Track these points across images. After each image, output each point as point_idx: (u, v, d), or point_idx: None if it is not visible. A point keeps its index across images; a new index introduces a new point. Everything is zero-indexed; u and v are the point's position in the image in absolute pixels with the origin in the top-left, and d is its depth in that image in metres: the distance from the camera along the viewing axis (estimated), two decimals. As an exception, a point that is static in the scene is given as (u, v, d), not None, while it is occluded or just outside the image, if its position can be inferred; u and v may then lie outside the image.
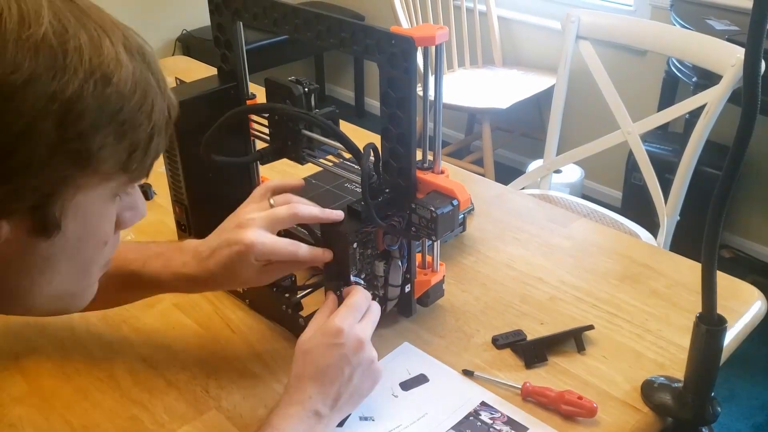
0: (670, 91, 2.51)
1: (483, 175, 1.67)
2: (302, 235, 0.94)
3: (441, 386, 0.84)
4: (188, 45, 3.32)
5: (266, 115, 0.97)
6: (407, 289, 0.90)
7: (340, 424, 0.78)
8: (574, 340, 0.88)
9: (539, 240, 1.11)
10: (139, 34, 0.56)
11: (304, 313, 0.89)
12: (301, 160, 0.95)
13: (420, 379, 0.85)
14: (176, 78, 1.68)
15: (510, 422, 0.78)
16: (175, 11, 3.30)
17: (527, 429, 0.77)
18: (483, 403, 0.81)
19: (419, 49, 0.77)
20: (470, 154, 3.02)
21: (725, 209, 0.67)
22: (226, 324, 0.94)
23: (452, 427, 0.78)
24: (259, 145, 1.01)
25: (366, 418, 0.79)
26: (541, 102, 2.84)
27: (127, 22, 0.57)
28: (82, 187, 0.53)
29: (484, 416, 0.79)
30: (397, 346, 0.90)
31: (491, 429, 0.78)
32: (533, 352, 0.87)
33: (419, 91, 0.81)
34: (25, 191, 0.49)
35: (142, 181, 0.60)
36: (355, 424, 0.78)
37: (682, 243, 1.56)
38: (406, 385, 0.84)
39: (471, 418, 0.79)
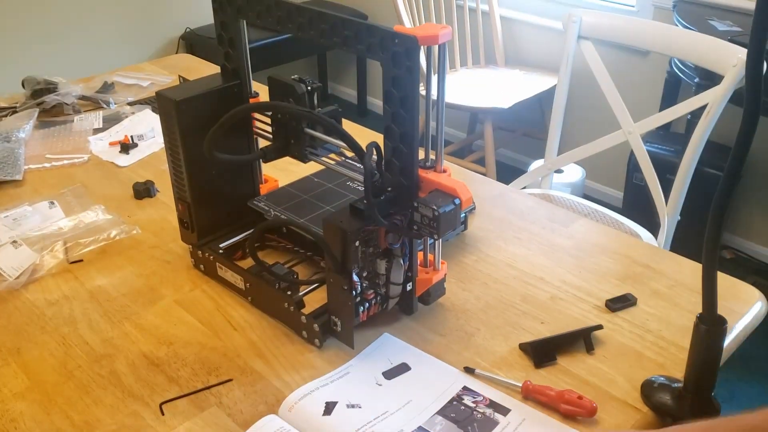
0: (672, 91, 2.51)
1: (485, 175, 1.67)
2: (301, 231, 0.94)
3: (423, 373, 0.85)
4: (192, 43, 3.32)
5: (269, 113, 0.97)
6: (409, 287, 0.91)
7: (328, 412, 0.79)
8: (583, 340, 0.88)
9: (540, 239, 1.11)
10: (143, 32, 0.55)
11: (306, 310, 0.89)
12: (303, 159, 0.95)
13: (402, 368, 0.86)
14: (179, 76, 1.69)
15: (492, 405, 0.80)
16: (178, 9, 3.31)
17: (509, 410, 0.79)
18: (465, 388, 0.82)
19: (422, 48, 0.77)
20: (472, 154, 3.03)
21: (726, 210, 0.67)
22: (227, 321, 0.94)
23: (437, 412, 0.79)
24: (262, 143, 1.02)
25: (353, 406, 0.80)
26: (543, 102, 2.84)
27: (131, 19, 0.57)
28: None
29: (467, 400, 0.80)
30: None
31: (474, 412, 0.79)
32: (544, 351, 0.87)
33: (422, 90, 0.81)
34: None
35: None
36: (343, 412, 0.79)
37: (683, 243, 1.56)
38: (389, 374, 0.85)
39: (454, 402, 0.80)
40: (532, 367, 0.86)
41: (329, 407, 0.79)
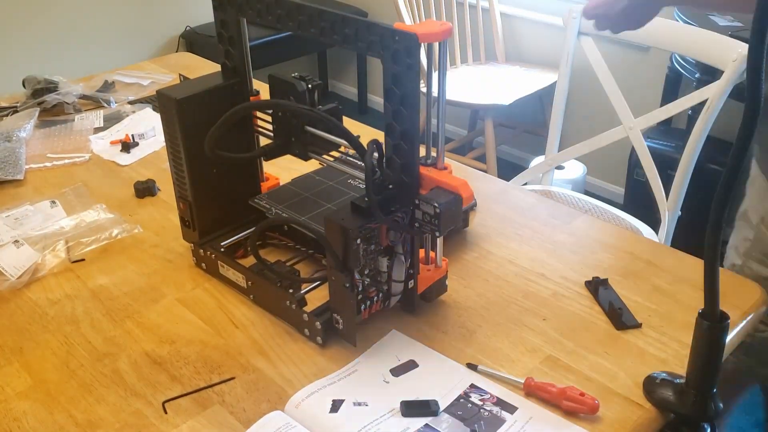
0: (673, 87, 2.51)
1: (485, 171, 1.67)
2: (302, 232, 0.94)
3: (430, 371, 0.85)
4: (192, 41, 3.32)
5: (270, 111, 0.97)
6: (410, 284, 0.91)
7: (335, 410, 0.79)
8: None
9: (541, 236, 1.11)
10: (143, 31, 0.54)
11: (307, 308, 0.89)
12: (304, 157, 0.95)
13: (409, 365, 0.86)
14: (180, 74, 1.69)
15: (499, 403, 0.80)
16: (178, 7, 3.30)
17: (516, 408, 0.79)
18: (472, 386, 0.82)
19: (423, 45, 0.77)
20: (473, 150, 3.02)
21: (728, 205, 0.67)
22: (229, 319, 0.94)
23: (444, 410, 0.79)
24: (263, 141, 1.02)
25: (360, 404, 0.80)
26: (543, 98, 2.84)
27: (131, 17, 0.57)
28: None
29: (474, 398, 0.81)
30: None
31: (482, 410, 0.79)
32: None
33: (422, 87, 0.81)
34: None
35: None
36: (350, 410, 0.79)
37: (684, 239, 1.56)
38: (397, 371, 0.85)
39: (462, 400, 0.80)
40: (533, 363, 0.86)
41: (336, 405, 0.80)
